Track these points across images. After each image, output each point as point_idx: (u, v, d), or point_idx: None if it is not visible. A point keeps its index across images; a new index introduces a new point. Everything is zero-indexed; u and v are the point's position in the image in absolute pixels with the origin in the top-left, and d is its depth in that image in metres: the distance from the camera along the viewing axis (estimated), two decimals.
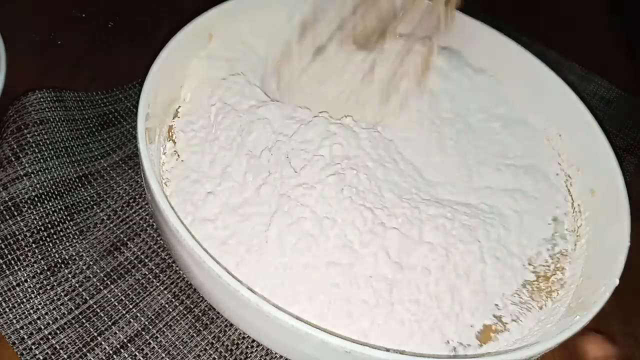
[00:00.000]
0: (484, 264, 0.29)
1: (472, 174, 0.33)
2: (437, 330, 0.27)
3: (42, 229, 0.31)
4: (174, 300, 0.30)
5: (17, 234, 0.31)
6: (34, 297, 0.29)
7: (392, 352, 0.23)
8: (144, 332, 0.29)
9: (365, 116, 0.33)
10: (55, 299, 0.29)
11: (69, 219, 0.32)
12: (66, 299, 0.30)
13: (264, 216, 0.28)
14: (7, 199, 0.31)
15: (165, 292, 0.31)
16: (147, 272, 0.31)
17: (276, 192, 0.29)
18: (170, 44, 0.31)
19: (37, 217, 0.32)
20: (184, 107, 0.34)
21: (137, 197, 0.34)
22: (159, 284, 0.31)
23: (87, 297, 0.30)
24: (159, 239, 0.33)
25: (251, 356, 0.29)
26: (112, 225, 0.33)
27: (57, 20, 0.44)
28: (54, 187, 0.33)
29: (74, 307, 0.29)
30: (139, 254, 0.32)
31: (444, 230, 0.29)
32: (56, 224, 0.32)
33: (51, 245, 0.31)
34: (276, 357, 0.29)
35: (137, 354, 0.28)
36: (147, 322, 0.29)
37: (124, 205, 0.34)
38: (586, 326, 0.25)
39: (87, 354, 0.28)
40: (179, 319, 0.30)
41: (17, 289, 0.29)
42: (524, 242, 0.31)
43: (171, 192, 0.30)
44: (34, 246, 0.31)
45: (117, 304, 0.30)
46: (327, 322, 0.26)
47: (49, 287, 0.30)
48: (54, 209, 0.32)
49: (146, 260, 0.32)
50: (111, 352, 0.28)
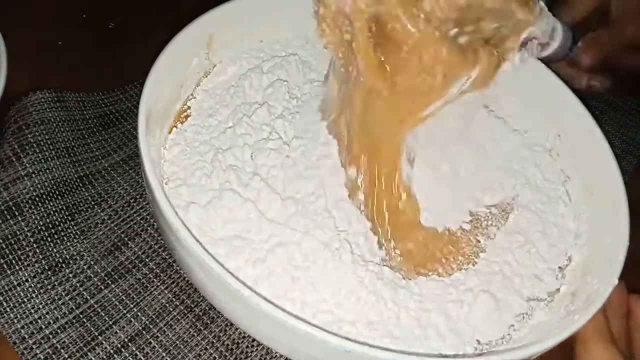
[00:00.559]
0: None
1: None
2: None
3: (43, 228, 0.31)
4: (174, 299, 0.31)
5: (18, 233, 0.31)
6: (34, 296, 0.29)
7: (392, 351, 0.23)
8: (144, 332, 0.29)
9: None
10: (56, 298, 0.29)
11: (69, 218, 0.33)
12: (67, 298, 0.30)
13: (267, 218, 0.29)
14: (8, 198, 0.32)
15: (165, 291, 0.31)
16: (147, 272, 0.31)
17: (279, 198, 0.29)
18: (171, 44, 0.31)
19: (38, 217, 0.32)
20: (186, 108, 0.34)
21: (137, 197, 0.35)
22: (159, 284, 0.31)
23: (88, 297, 0.30)
24: (159, 238, 0.33)
25: (251, 355, 0.29)
26: (112, 225, 0.33)
27: (58, 20, 0.45)
28: (54, 187, 0.33)
29: (74, 307, 0.29)
30: (140, 253, 0.32)
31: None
32: (57, 223, 0.32)
33: (52, 245, 0.31)
34: (276, 356, 0.30)
35: (137, 353, 0.28)
36: (147, 322, 0.30)
37: (125, 205, 0.34)
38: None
39: (88, 353, 0.28)
40: (179, 318, 0.30)
41: (18, 288, 0.29)
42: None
43: (172, 191, 0.30)
44: (35, 246, 0.31)
45: (118, 304, 0.30)
46: (329, 322, 0.26)
47: (49, 287, 0.30)
48: (54, 209, 0.32)
49: (147, 259, 0.32)
50: (112, 351, 0.28)
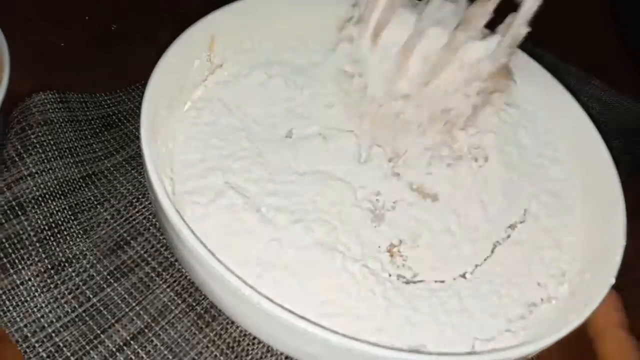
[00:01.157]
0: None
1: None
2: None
3: (46, 228, 0.32)
4: (176, 298, 0.31)
5: (21, 233, 0.31)
6: (37, 295, 0.29)
7: (392, 349, 0.23)
8: (146, 330, 0.29)
9: None
10: (59, 297, 0.30)
11: (72, 218, 0.33)
12: (70, 297, 0.30)
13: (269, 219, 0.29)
14: (11, 198, 0.32)
15: (167, 290, 0.31)
16: (149, 271, 0.32)
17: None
18: (173, 45, 0.31)
19: (41, 217, 0.32)
20: (185, 106, 0.34)
21: (140, 197, 0.35)
22: (161, 282, 0.31)
23: (91, 296, 0.30)
24: (161, 238, 0.33)
25: (252, 353, 0.30)
26: (115, 224, 0.33)
27: (61, 22, 0.45)
28: (57, 187, 0.33)
29: (77, 305, 0.30)
30: (142, 252, 0.32)
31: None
32: (60, 223, 0.32)
33: (55, 244, 0.31)
34: (277, 354, 0.30)
35: (139, 351, 0.29)
36: (149, 320, 0.30)
37: (127, 205, 0.34)
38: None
39: (91, 352, 0.28)
40: (181, 316, 0.30)
41: (21, 287, 0.29)
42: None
43: (174, 191, 0.30)
44: (38, 245, 0.31)
45: (120, 302, 0.30)
46: (332, 322, 0.26)
47: (52, 286, 0.30)
48: (57, 209, 0.33)
49: (149, 259, 0.32)
50: (114, 349, 0.28)
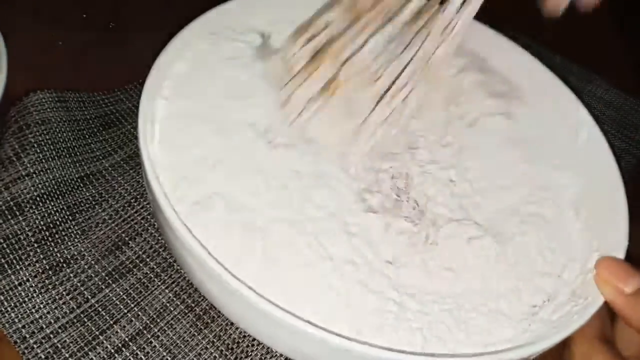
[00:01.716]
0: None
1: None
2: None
3: (44, 228, 0.32)
4: (175, 299, 0.31)
5: (19, 233, 0.31)
6: (35, 296, 0.29)
7: (392, 350, 0.23)
8: (145, 331, 0.29)
9: None
10: (57, 297, 0.30)
11: (70, 218, 0.33)
12: (68, 298, 0.30)
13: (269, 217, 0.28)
14: (9, 198, 0.32)
15: (166, 291, 0.31)
16: (148, 271, 0.32)
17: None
18: (171, 44, 0.31)
19: (39, 217, 0.32)
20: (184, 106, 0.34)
21: (138, 197, 0.35)
22: (160, 283, 0.31)
23: (89, 296, 0.30)
24: (160, 238, 0.33)
25: (252, 354, 0.29)
26: (113, 224, 0.33)
27: (58, 20, 0.45)
28: (55, 187, 0.33)
29: (75, 306, 0.29)
30: (141, 253, 0.32)
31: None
32: (58, 223, 0.32)
33: (53, 244, 0.31)
34: (276, 355, 0.30)
35: (138, 352, 0.29)
36: (148, 321, 0.30)
37: (126, 205, 0.34)
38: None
39: (89, 353, 0.28)
40: (180, 317, 0.30)
41: (19, 288, 0.29)
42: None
43: (172, 191, 0.30)
44: (35, 245, 0.31)
45: (118, 303, 0.30)
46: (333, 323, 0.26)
47: (50, 286, 0.30)
48: (55, 209, 0.32)
49: (147, 259, 0.32)
50: (113, 350, 0.28)
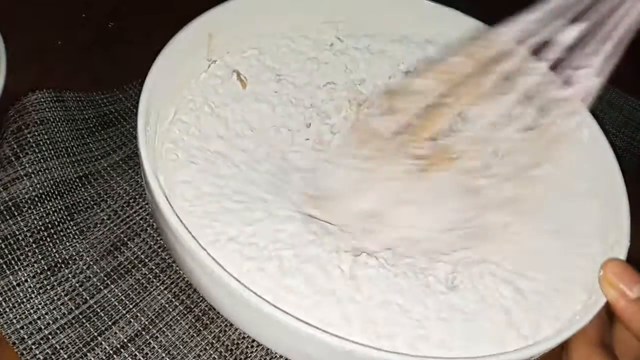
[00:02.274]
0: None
1: None
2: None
3: (43, 228, 0.31)
4: (174, 300, 0.31)
5: (17, 233, 0.31)
6: (34, 297, 0.29)
7: (392, 352, 0.23)
8: (144, 332, 0.29)
9: None
10: (55, 298, 0.29)
11: (69, 218, 0.33)
12: (66, 298, 0.30)
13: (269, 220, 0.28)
14: (7, 198, 0.31)
15: (165, 292, 0.31)
16: (147, 272, 0.31)
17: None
18: (170, 44, 0.31)
19: (38, 217, 0.32)
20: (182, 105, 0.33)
21: (137, 197, 0.35)
22: (159, 284, 0.31)
23: (88, 297, 0.30)
24: (159, 238, 0.33)
25: (251, 356, 0.29)
26: (112, 225, 0.33)
27: (57, 20, 0.45)
28: (54, 187, 0.33)
29: (74, 307, 0.29)
30: (139, 253, 0.32)
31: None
32: (56, 223, 0.32)
33: (51, 245, 0.31)
34: (276, 356, 0.30)
35: (137, 353, 0.28)
36: (147, 322, 0.30)
37: (124, 205, 0.34)
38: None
39: (87, 354, 0.28)
40: (179, 318, 0.30)
41: (17, 288, 0.29)
42: None
43: (171, 191, 0.30)
44: (34, 246, 0.31)
45: (117, 304, 0.30)
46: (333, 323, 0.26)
47: (49, 287, 0.30)
48: (54, 209, 0.32)
49: (146, 260, 0.32)
50: (111, 352, 0.28)
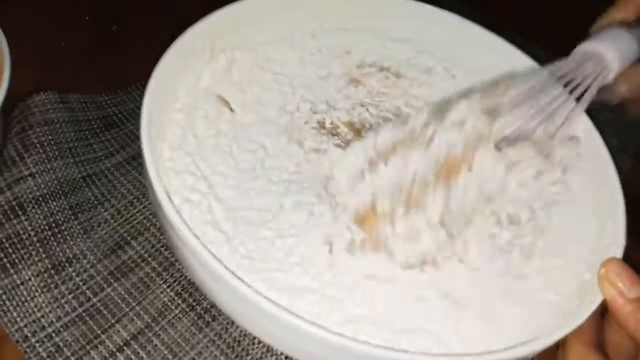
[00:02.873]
0: None
1: None
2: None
3: (47, 228, 0.32)
4: (176, 298, 0.31)
5: (21, 233, 0.31)
6: (38, 295, 0.29)
7: (391, 349, 0.23)
8: (146, 330, 0.30)
9: None
10: (59, 297, 0.30)
11: (73, 218, 0.33)
12: (70, 297, 0.30)
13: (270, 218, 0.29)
14: (11, 198, 0.32)
15: (167, 290, 0.31)
16: (149, 271, 0.32)
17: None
18: (173, 46, 0.31)
19: (42, 217, 0.32)
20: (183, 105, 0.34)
21: (140, 196, 0.35)
22: (161, 282, 0.31)
23: (91, 295, 0.30)
24: (161, 238, 0.33)
25: (252, 353, 0.30)
26: (115, 224, 0.33)
27: (61, 22, 0.45)
28: (58, 187, 0.33)
29: (77, 305, 0.30)
30: (142, 252, 0.32)
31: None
32: (60, 223, 0.32)
33: (55, 244, 0.31)
34: (277, 353, 0.30)
35: (139, 351, 0.29)
36: (150, 320, 0.30)
37: (128, 204, 0.34)
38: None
39: (91, 352, 0.28)
40: (181, 316, 0.30)
41: (21, 287, 0.29)
42: None
43: (173, 190, 0.30)
44: (38, 245, 0.31)
45: (120, 302, 0.30)
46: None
47: (52, 286, 0.30)
48: (58, 209, 0.33)
49: (149, 258, 0.32)
50: (114, 349, 0.29)
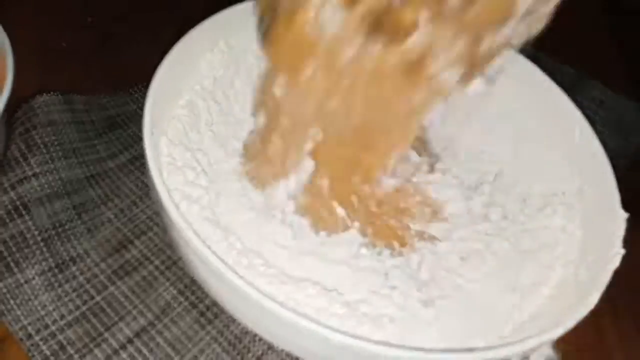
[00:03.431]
0: None
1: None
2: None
3: (50, 227, 0.32)
4: (178, 296, 0.31)
5: (25, 232, 0.31)
6: (41, 294, 0.30)
7: (392, 346, 0.24)
8: (149, 328, 0.30)
9: None
10: (62, 295, 0.30)
11: (76, 218, 0.33)
12: (73, 295, 0.30)
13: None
14: (15, 198, 0.32)
15: (170, 288, 0.31)
16: (152, 269, 0.32)
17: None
18: (176, 47, 0.31)
19: (45, 217, 0.32)
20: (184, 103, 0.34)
21: (143, 196, 0.35)
22: (164, 281, 0.32)
23: (94, 294, 0.30)
24: (164, 236, 0.33)
25: (253, 350, 0.30)
26: (118, 223, 0.34)
27: (63, 23, 0.45)
28: (61, 187, 0.34)
29: (81, 304, 0.30)
30: (145, 251, 0.33)
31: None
32: (64, 222, 0.33)
33: (59, 243, 0.32)
34: (277, 351, 0.30)
35: (142, 348, 0.29)
36: (152, 318, 0.30)
37: (131, 204, 0.35)
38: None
39: (94, 349, 0.28)
40: (183, 314, 0.31)
41: (25, 286, 0.30)
42: None
43: (175, 190, 0.30)
44: (42, 244, 0.31)
45: (123, 300, 0.30)
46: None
47: (56, 284, 0.30)
48: (61, 209, 0.33)
49: (152, 257, 0.32)
50: (118, 347, 0.29)
